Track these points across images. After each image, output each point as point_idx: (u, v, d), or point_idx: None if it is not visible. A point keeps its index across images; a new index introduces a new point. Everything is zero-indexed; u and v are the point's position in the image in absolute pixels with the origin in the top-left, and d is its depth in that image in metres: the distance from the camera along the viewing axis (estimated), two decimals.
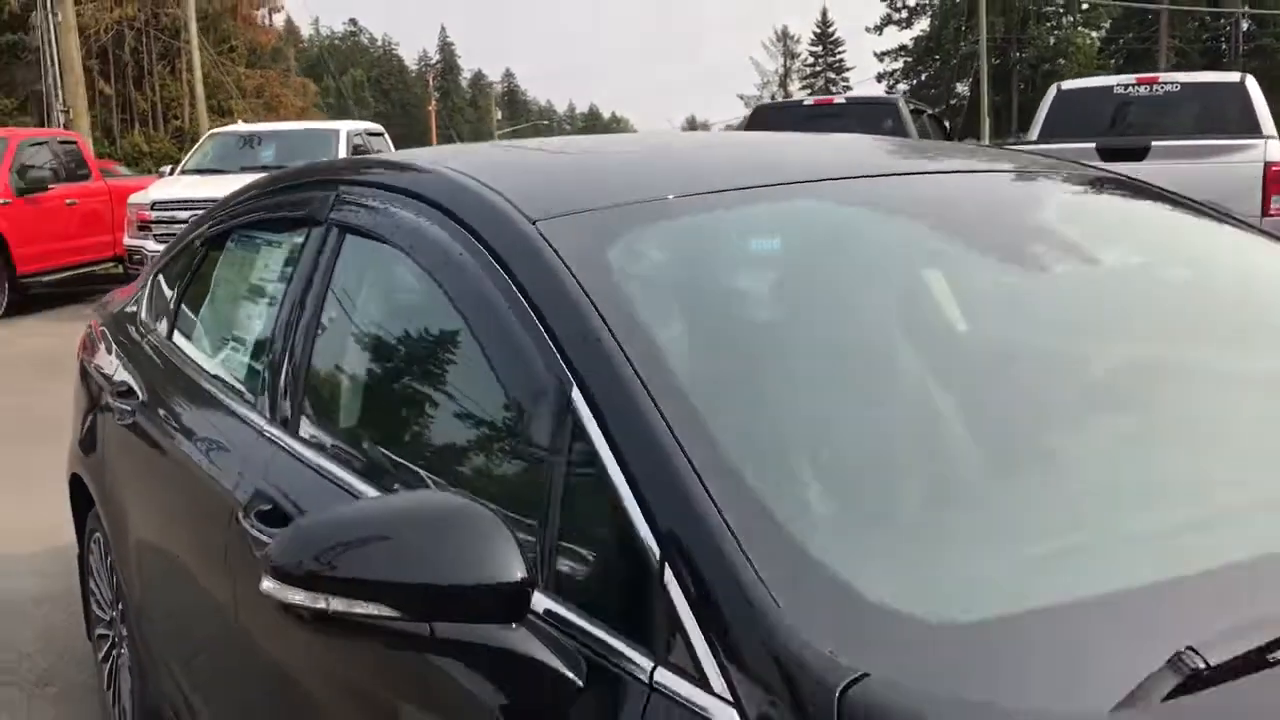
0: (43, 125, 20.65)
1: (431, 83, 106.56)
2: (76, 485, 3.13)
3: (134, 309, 3.06)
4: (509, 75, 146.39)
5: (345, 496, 1.62)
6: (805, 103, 12.15)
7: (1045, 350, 1.64)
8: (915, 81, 61.36)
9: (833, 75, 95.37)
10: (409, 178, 1.89)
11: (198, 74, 31.13)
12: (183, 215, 10.48)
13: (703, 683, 1.06)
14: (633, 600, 1.17)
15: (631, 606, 1.17)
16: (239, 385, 2.20)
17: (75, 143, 13.46)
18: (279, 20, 60.04)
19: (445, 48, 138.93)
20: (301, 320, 1.95)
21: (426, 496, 1.42)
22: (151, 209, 11.35)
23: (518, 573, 1.17)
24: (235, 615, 1.86)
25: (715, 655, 1.06)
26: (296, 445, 1.84)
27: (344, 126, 13.32)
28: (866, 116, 11.82)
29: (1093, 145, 8.23)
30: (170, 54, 33.08)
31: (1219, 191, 7.68)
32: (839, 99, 11.99)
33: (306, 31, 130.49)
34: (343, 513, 1.32)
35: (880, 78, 63.45)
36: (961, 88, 56.20)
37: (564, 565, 1.26)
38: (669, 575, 1.12)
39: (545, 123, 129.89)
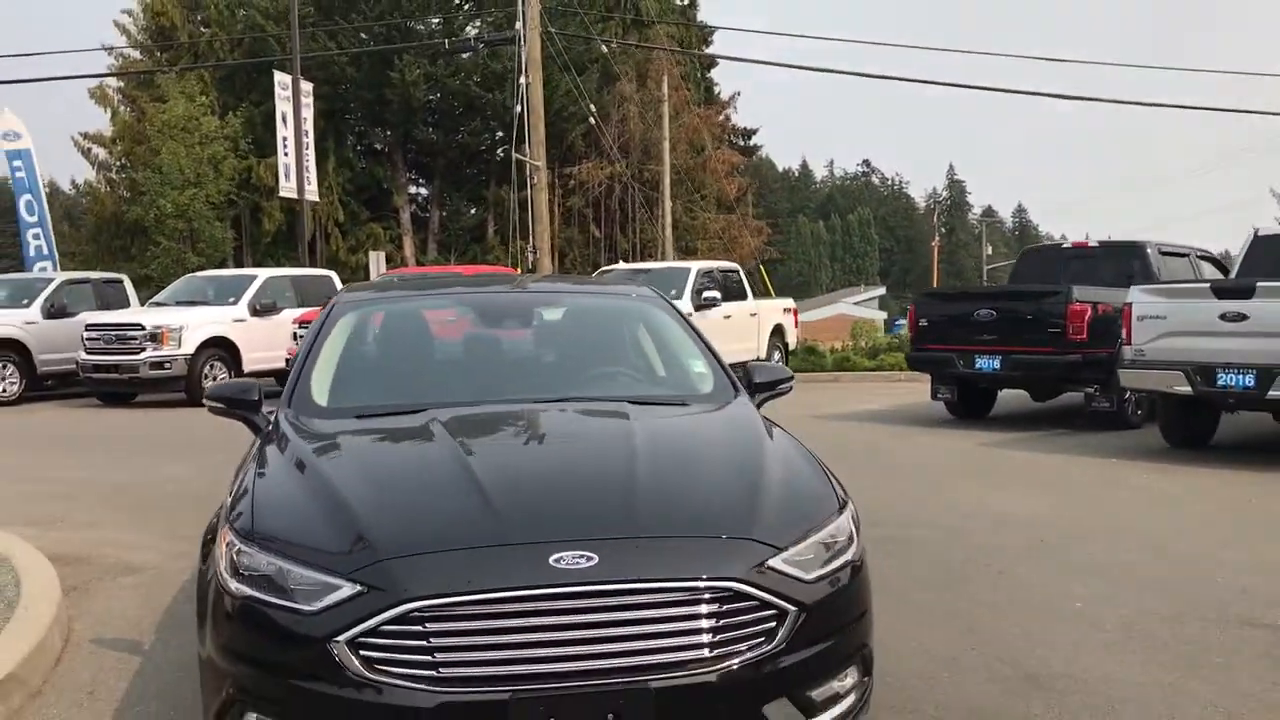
0: (524, 266, 26.09)
1: (936, 219, 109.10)
2: None
3: None
4: (1021, 210, 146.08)
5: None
6: (1064, 245, 13.70)
7: (503, 344, 4.46)
8: None
9: None
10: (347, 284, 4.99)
11: (668, 219, 36.73)
12: None
13: (269, 423, 3.98)
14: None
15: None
16: None
17: (514, 275, 18.11)
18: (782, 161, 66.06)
19: (954, 184, 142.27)
20: None
21: (245, 380, 4.46)
22: None
23: (255, 396, 4.17)
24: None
25: (281, 412, 3.98)
26: None
27: (694, 266, 16.79)
28: (1116, 257, 13.18)
29: (1208, 285, 9.51)
30: (650, 203, 39.07)
31: None
32: (1093, 243, 13.38)
33: (820, 174, 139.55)
34: (228, 381, 4.40)
35: None
36: None
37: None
38: (280, 405, 4.08)
39: None
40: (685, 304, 15.49)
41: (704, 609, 2.84)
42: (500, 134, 38.99)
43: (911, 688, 4.20)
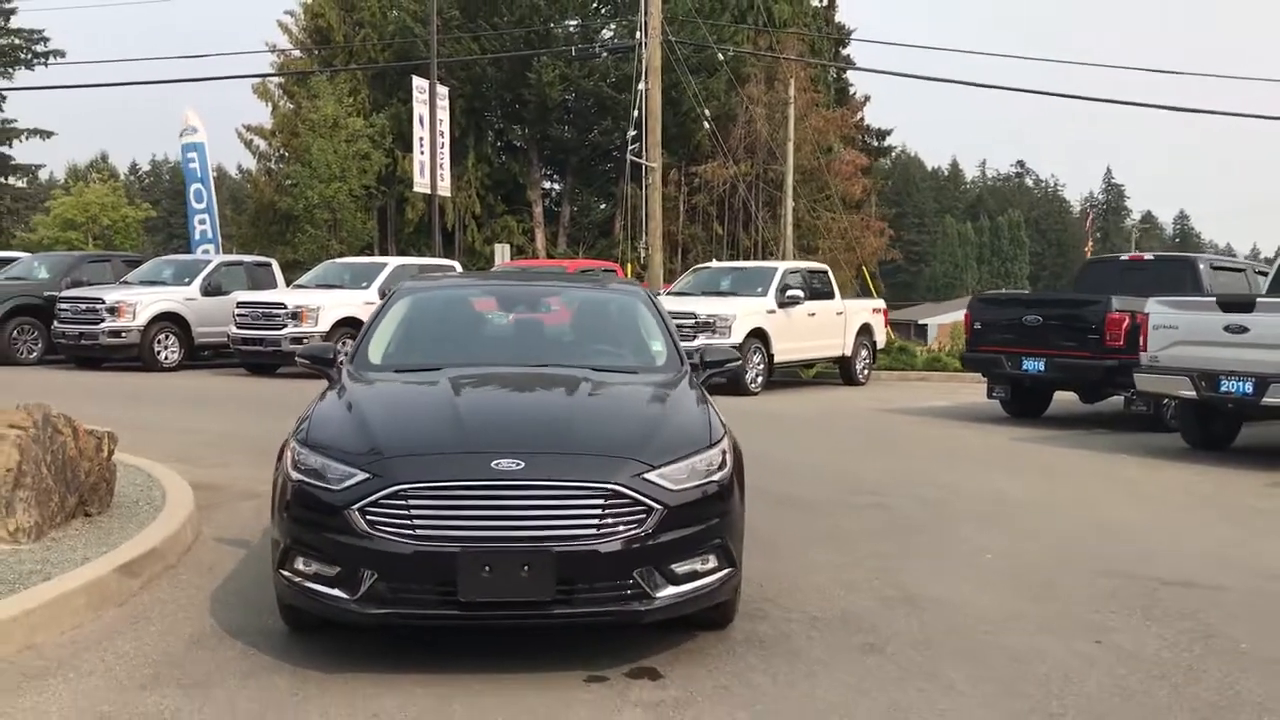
0: (635, 260, 27.57)
1: (1089, 224, 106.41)
2: None
3: None
4: (1183, 216, 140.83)
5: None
6: (1122, 258, 14.48)
7: (511, 323, 6.03)
8: None
9: None
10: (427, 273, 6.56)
11: (789, 218, 37.75)
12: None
13: (337, 375, 5.52)
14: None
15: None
16: None
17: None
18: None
19: (1111, 188, 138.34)
20: None
21: (323, 343, 6.12)
22: None
23: (331, 356, 5.74)
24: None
25: (345, 367, 5.52)
26: None
27: (781, 266, 18.02)
28: (1170, 270, 13.94)
29: (1214, 299, 10.37)
30: (772, 202, 40.22)
31: None
32: (1148, 256, 14.14)
33: (971, 174, 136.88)
34: (314, 343, 5.98)
35: None
36: None
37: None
38: (341, 359, 5.63)
39: None
40: (769, 301, 16.69)
41: (595, 502, 4.22)
42: (631, 133, 40.65)
43: (808, 599, 5.47)
